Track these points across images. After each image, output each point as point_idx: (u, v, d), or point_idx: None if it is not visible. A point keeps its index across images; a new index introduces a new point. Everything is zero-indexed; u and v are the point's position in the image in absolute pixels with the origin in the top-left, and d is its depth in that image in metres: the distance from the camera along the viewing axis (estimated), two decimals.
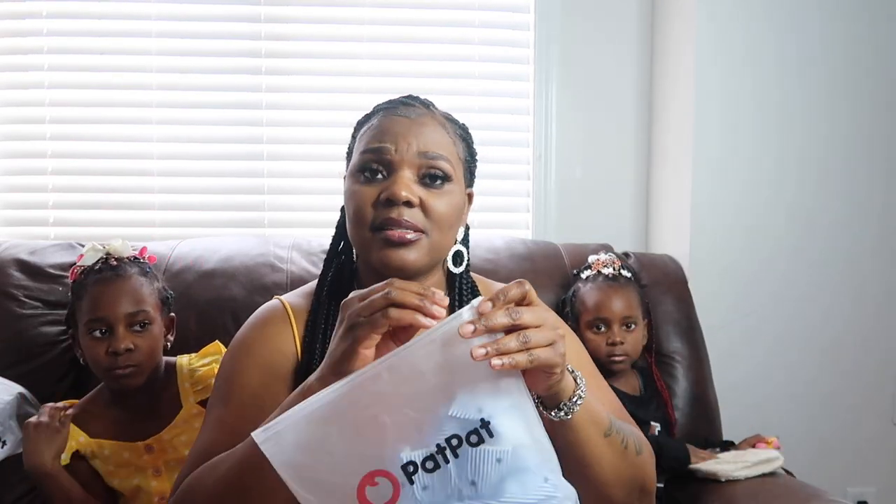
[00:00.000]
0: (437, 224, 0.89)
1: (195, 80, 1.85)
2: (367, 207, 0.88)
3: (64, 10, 1.82)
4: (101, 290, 1.19)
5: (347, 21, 1.87)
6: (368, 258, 0.90)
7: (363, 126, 0.96)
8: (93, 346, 1.18)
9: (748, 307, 1.81)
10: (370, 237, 0.89)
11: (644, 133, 1.96)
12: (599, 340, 1.43)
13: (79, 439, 1.20)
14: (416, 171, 0.89)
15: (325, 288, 0.96)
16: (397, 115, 0.92)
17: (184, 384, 1.25)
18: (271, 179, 1.87)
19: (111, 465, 1.21)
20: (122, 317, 1.17)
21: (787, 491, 1.30)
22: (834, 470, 1.83)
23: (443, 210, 0.90)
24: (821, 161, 1.82)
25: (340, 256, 1.00)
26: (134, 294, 1.20)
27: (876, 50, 1.81)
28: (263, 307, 0.99)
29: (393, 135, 0.90)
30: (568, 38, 1.91)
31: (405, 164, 0.89)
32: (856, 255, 1.84)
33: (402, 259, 0.87)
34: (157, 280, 1.27)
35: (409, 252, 0.88)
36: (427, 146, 0.90)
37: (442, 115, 0.97)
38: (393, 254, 0.87)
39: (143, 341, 1.19)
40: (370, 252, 0.89)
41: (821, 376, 1.85)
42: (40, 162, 1.83)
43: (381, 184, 0.89)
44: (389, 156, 0.89)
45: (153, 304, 1.22)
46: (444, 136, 0.92)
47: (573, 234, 1.85)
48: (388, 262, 0.87)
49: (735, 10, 1.76)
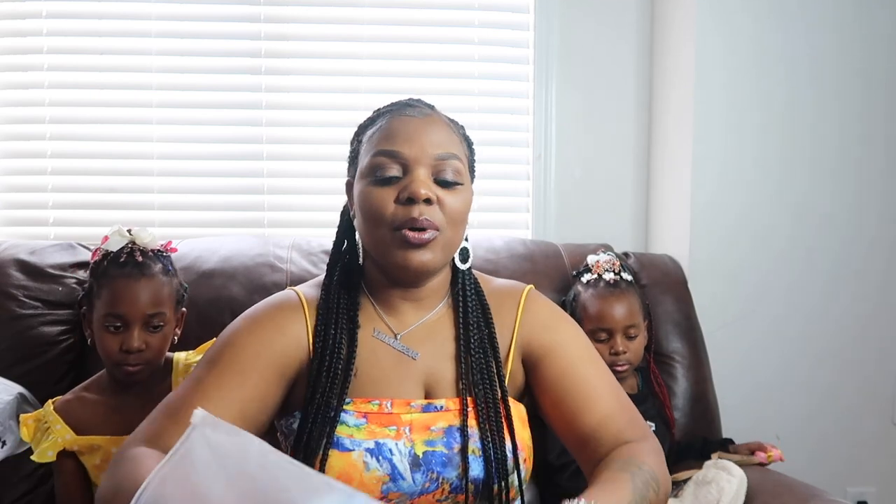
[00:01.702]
0: (451, 222, 0.92)
1: (195, 80, 1.85)
2: (387, 207, 0.90)
3: (64, 10, 1.82)
4: (124, 285, 1.18)
5: (347, 21, 1.87)
6: (387, 258, 0.92)
7: (367, 130, 0.97)
8: (106, 339, 1.18)
9: (748, 307, 1.81)
10: (390, 237, 0.90)
11: (644, 133, 1.96)
12: (602, 349, 1.42)
13: (65, 437, 1.20)
14: (430, 171, 0.92)
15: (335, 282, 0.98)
16: (405, 116, 0.94)
17: (178, 378, 1.25)
18: (271, 179, 1.87)
19: (98, 460, 1.21)
20: (140, 317, 1.18)
21: (787, 490, 1.30)
22: (834, 470, 1.83)
23: (458, 208, 0.93)
24: (821, 161, 1.82)
25: (345, 257, 1.01)
26: (155, 295, 1.19)
27: (881, 47, 1.81)
28: (279, 294, 1.02)
29: (405, 135, 0.92)
30: (567, 37, 1.91)
31: (420, 163, 0.91)
32: (856, 254, 1.84)
33: (420, 260, 0.90)
34: (175, 276, 1.27)
35: (426, 253, 0.90)
36: (440, 146, 0.92)
37: (444, 116, 0.99)
38: (413, 255, 0.90)
39: (155, 340, 1.20)
40: (389, 251, 0.91)
41: (821, 376, 1.85)
42: (40, 162, 1.83)
43: (398, 184, 0.91)
44: (405, 156, 0.91)
45: (171, 304, 1.23)
46: (452, 136, 0.95)
47: (573, 234, 1.85)
48: (408, 263, 0.90)
49: (735, 10, 1.76)
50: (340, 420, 0.90)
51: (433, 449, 0.91)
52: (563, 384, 0.96)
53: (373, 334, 0.97)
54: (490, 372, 0.96)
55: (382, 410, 0.92)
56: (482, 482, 0.91)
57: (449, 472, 0.90)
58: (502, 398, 0.95)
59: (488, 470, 0.91)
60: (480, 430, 0.92)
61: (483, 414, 0.93)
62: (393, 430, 0.91)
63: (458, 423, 0.93)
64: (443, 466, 0.90)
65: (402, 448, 0.90)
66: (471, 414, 0.93)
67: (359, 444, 0.89)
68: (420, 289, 0.98)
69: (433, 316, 0.99)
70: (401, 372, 0.95)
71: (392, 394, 0.94)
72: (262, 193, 1.87)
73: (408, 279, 0.96)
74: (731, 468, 1.30)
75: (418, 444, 0.91)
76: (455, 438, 0.92)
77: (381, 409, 0.92)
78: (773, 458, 1.42)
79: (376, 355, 0.96)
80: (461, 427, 0.92)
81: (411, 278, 0.95)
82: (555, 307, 1.05)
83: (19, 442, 1.26)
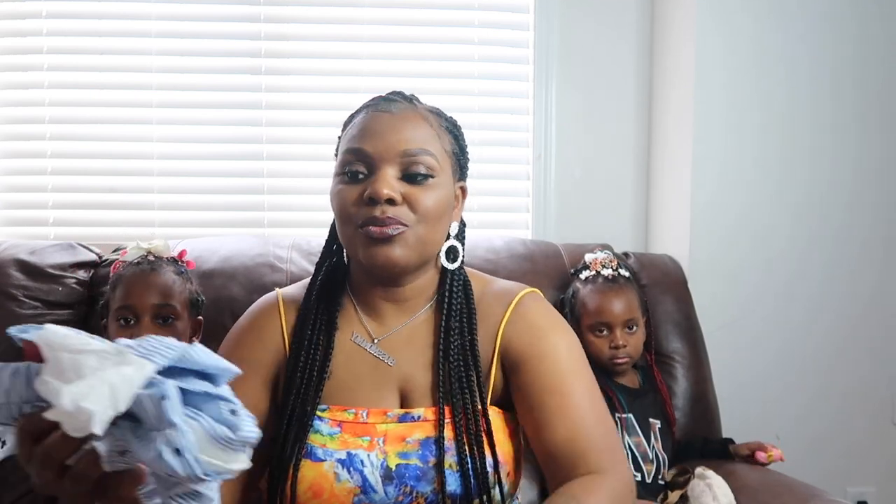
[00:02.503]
0: (424, 218, 0.89)
1: (195, 80, 1.85)
2: (350, 207, 0.89)
3: (64, 10, 1.82)
4: (134, 279, 1.23)
5: (347, 21, 1.87)
6: (356, 256, 0.91)
7: (346, 127, 0.96)
8: (117, 335, 1.19)
9: (748, 307, 1.81)
10: (355, 234, 0.89)
11: (644, 133, 1.96)
12: (602, 343, 1.43)
13: None
14: (398, 168, 0.89)
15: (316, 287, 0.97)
16: (378, 112, 0.92)
17: None
18: (271, 179, 1.87)
19: None
20: (148, 307, 1.20)
21: (787, 490, 1.30)
22: (833, 470, 1.83)
23: (429, 204, 0.89)
24: (821, 161, 1.82)
25: (333, 258, 1.01)
26: (163, 287, 1.23)
27: (880, 48, 1.81)
28: (260, 299, 1.02)
29: (373, 133, 0.90)
30: (567, 37, 1.90)
31: (386, 161, 0.88)
32: (856, 254, 1.84)
33: (387, 255, 0.87)
34: (190, 282, 1.30)
35: (394, 248, 0.87)
36: (408, 142, 0.89)
37: (427, 108, 0.96)
38: (378, 250, 0.87)
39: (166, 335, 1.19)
40: (357, 250, 0.90)
41: (820, 376, 1.85)
42: (40, 162, 1.83)
43: (364, 183, 0.89)
44: (370, 154, 0.89)
45: (182, 301, 1.25)
46: (426, 131, 0.91)
47: (573, 234, 1.85)
48: (374, 259, 0.88)
49: (735, 10, 1.76)
50: (314, 428, 0.89)
51: (407, 462, 0.88)
52: (539, 394, 0.90)
53: (351, 338, 0.95)
54: (470, 381, 0.91)
55: (358, 420, 0.90)
56: (460, 497, 0.87)
57: (423, 487, 0.87)
58: (482, 409, 0.91)
59: (466, 485, 0.87)
60: (457, 443, 0.88)
61: (461, 426, 0.89)
62: (367, 440, 0.89)
63: (434, 434, 0.89)
64: (416, 480, 0.87)
65: (374, 460, 0.87)
66: (448, 425, 0.89)
67: (331, 454, 0.87)
68: (402, 288, 0.95)
69: (415, 320, 0.96)
70: (376, 378, 0.93)
71: (365, 400, 0.92)
72: (262, 193, 1.87)
73: (383, 277, 0.93)
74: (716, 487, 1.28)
75: (391, 455, 0.88)
76: (431, 451, 0.88)
77: (357, 419, 0.90)
78: (773, 458, 1.42)
79: (353, 360, 0.94)
80: (437, 439, 0.88)
81: (386, 275, 0.92)
82: (550, 314, 0.98)
83: None
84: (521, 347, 0.93)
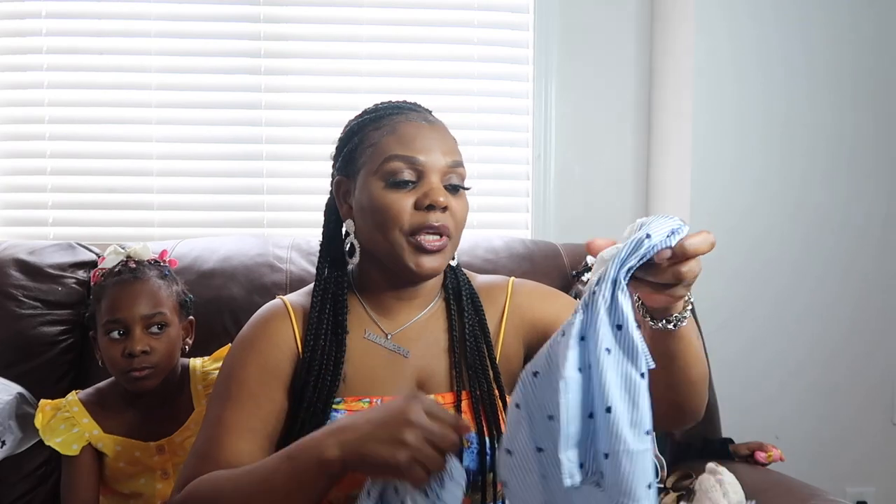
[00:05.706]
0: (457, 226, 0.94)
1: (194, 80, 1.85)
2: (403, 212, 0.91)
3: (64, 10, 1.82)
4: (119, 291, 1.20)
5: (346, 21, 1.87)
6: (397, 262, 0.92)
7: (368, 128, 0.96)
8: (110, 347, 1.18)
9: (748, 307, 1.81)
10: (404, 241, 0.91)
11: (643, 133, 1.96)
12: None
13: (93, 432, 1.20)
14: (441, 178, 0.93)
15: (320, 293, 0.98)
16: (414, 121, 0.95)
17: (196, 386, 1.26)
18: (270, 179, 1.87)
19: (121, 462, 1.21)
20: (138, 318, 1.18)
21: (787, 491, 1.30)
22: (834, 470, 1.83)
23: (464, 213, 0.95)
24: (821, 161, 1.82)
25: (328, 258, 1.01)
26: (151, 296, 1.20)
27: (880, 48, 1.81)
28: (265, 306, 1.01)
29: (421, 141, 0.93)
30: (567, 38, 1.91)
31: (434, 171, 0.92)
32: (856, 254, 1.84)
33: (433, 266, 0.92)
34: (176, 283, 1.27)
35: (438, 258, 0.92)
36: (450, 153, 0.94)
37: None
38: (426, 261, 0.91)
39: (159, 343, 1.19)
40: (401, 256, 0.91)
41: (821, 376, 1.85)
42: (40, 162, 1.83)
43: (414, 190, 0.92)
44: (423, 163, 0.92)
45: (171, 306, 1.22)
46: (455, 142, 0.97)
47: (573, 234, 1.85)
48: (420, 269, 0.91)
49: (735, 10, 1.76)
50: (331, 420, 0.90)
51: None
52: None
53: (364, 336, 0.97)
54: (482, 359, 0.96)
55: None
56: (475, 472, 0.91)
57: None
58: (497, 387, 0.95)
59: (482, 461, 0.90)
60: (475, 422, 0.92)
61: (477, 405, 0.93)
62: None
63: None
64: None
65: None
66: (465, 407, 0.93)
67: None
68: (417, 288, 0.98)
69: (426, 314, 0.99)
70: (392, 370, 0.95)
71: (383, 392, 0.94)
72: (261, 193, 1.87)
73: (412, 282, 0.96)
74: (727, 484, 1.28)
75: None
76: None
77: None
78: (773, 458, 1.42)
79: (367, 356, 0.96)
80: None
81: (416, 282, 0.96)
82: (542, 284, 1.07)
83: (19, 442, 1.26)
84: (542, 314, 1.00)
